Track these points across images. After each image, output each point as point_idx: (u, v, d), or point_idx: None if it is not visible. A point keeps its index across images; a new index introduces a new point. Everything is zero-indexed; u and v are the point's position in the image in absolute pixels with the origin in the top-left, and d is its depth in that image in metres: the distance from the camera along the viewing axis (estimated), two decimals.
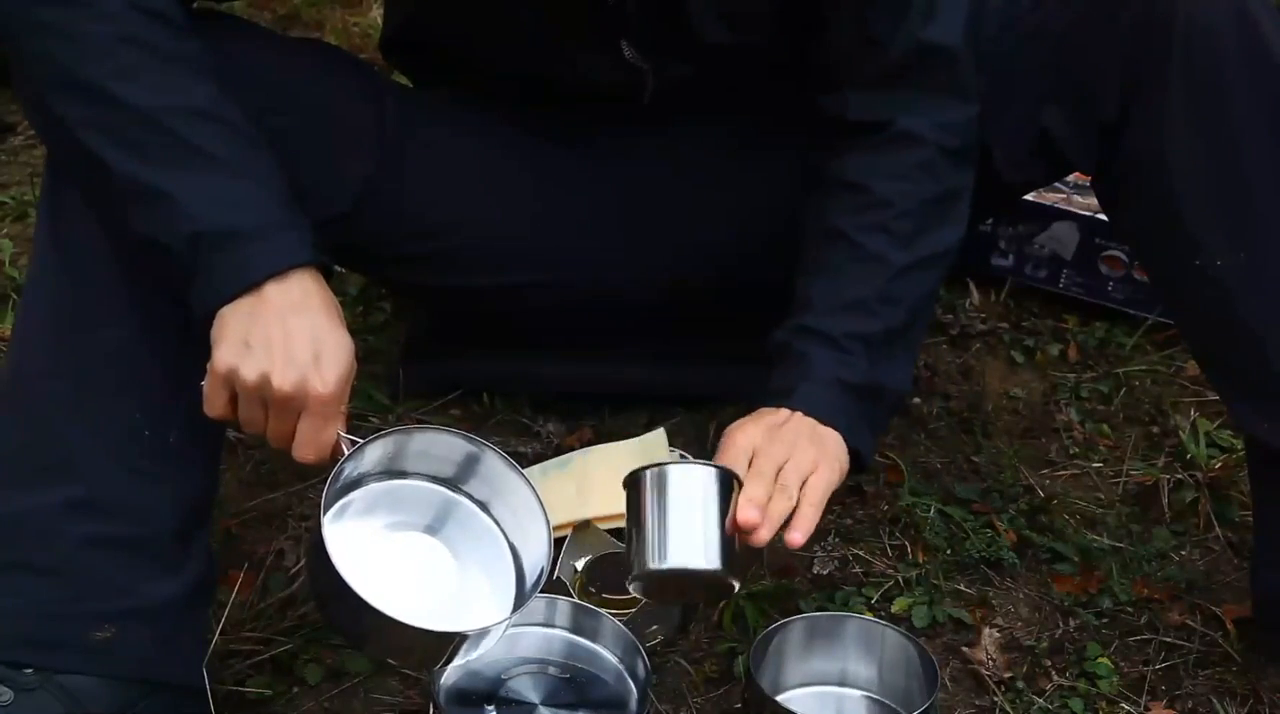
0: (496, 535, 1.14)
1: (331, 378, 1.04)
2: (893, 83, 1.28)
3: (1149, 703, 1.27)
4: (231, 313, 1.04)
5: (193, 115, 1.07)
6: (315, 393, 1.03)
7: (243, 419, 1.05)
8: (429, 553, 1.12)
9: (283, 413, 1.04)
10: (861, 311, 1.24)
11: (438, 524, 1.13)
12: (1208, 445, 1.57)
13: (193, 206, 1.04)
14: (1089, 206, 1.80)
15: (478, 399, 1.63)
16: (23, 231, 1.99)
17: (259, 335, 1.03)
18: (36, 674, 1.05)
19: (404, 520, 1.12)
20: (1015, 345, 1.79)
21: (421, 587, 1.08)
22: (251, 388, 1.03)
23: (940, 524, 1.47)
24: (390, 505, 1.12)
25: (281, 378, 1.02)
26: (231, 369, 1.03)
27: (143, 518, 1.10)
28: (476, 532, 1.13)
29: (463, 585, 1.11)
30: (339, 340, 1.06)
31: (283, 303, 1.04)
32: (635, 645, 1.21)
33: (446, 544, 1.12)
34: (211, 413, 1.06)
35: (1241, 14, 1.19)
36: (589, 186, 1.45)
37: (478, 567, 1.12)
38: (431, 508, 1.13)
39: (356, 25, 2.71)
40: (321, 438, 1.05)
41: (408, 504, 1.12)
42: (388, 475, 1.12)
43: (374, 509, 1.11)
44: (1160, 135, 1.22)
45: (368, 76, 1.39)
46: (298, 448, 1.05)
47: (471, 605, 1.09)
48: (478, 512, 1.14)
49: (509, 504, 1.13)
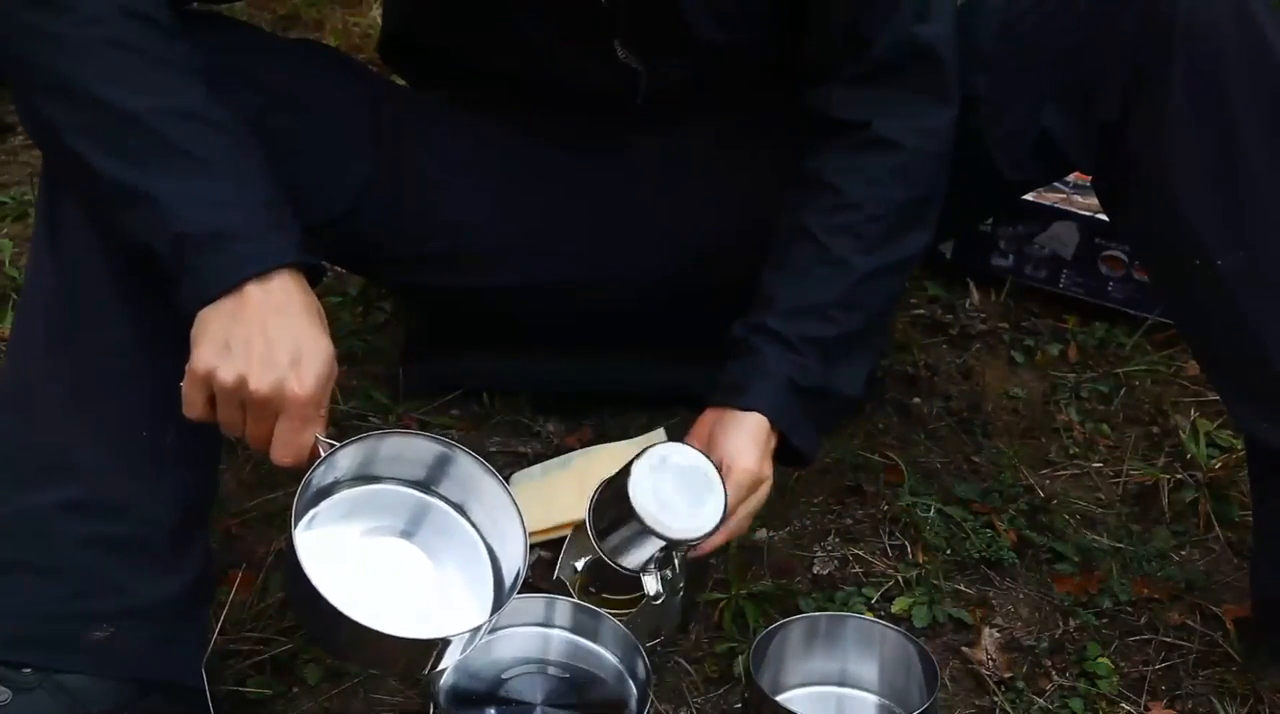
0: (473, 537, 1.13)
1: (309, 381, 1.04)
2: (878, 82, 1.28)
3: (1149, 703, 1.27)
4: (212, 314, 1.04)
5: (178, 117, 1.07)
6: (293, 395, 1.03)
7: (222, 420, 1.05)
8: (405, 558, 1.11)
9: (260, 415, 1.04)
10: (819, 316, 1.26)
11: (413, 528, 1.12)
12: (1208, 445, 1.57)
13: (177, 208, 1.04)
14: (1089, 206, 1.80)
15: (478, 399, 1.63)
16: (23, 231, 1.99)
17: (238, 337, 1.02)
18: (35, 674, 1.05)
19: (379, 526, 1.12)
20: (1015, 345, 1.79)
21: (399, 592, 1.08)
22: (229, 389, 1.03)
23: (940, 524, 1.47)
24: (364, 511, 1.11)
25: (259, 380, 1.02)
26: (210, 370, 1.02)
27: (142, 518, 1.10)
28: (452, 534, 1.13)
29: (441, 589, 1.10)
30: (318, 343, 1.06)
31: (263, 304, 1.04)
32: (635, 645, 1.21)
33: (423, 548, 1.12)
34: (190, 414, 1.05)
35: (1242, 13, 1.19)
36: (586, 186, 1.45)
37: (455, 569, 1.12)
38: (406, 512, 1.13)
39: (356, 25, 2.71)
40: (299, 441, 1.04)
41: (382, 509, 1.12)
42: (361, 481, 1.11)
43: (348, 515, 1.10)
44: (1160, 135, 1.22)
45: (366, 78, 1.39)
46: (275, 450, 1.05)
47: (451, 608, 1.09)
48: (453, 514, 1.13)
49: (484, 505, 1.13)
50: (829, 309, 1.26)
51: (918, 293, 1.91)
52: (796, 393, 1.24)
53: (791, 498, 1.51)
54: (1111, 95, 1.25)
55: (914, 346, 1.78)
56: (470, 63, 1.40)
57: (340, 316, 1.79)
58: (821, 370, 1.25)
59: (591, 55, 1.31)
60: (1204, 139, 1.21)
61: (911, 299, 1.89)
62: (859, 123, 1.29)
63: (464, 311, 1.57)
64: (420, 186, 1.38)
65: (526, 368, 1.62)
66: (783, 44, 1.33)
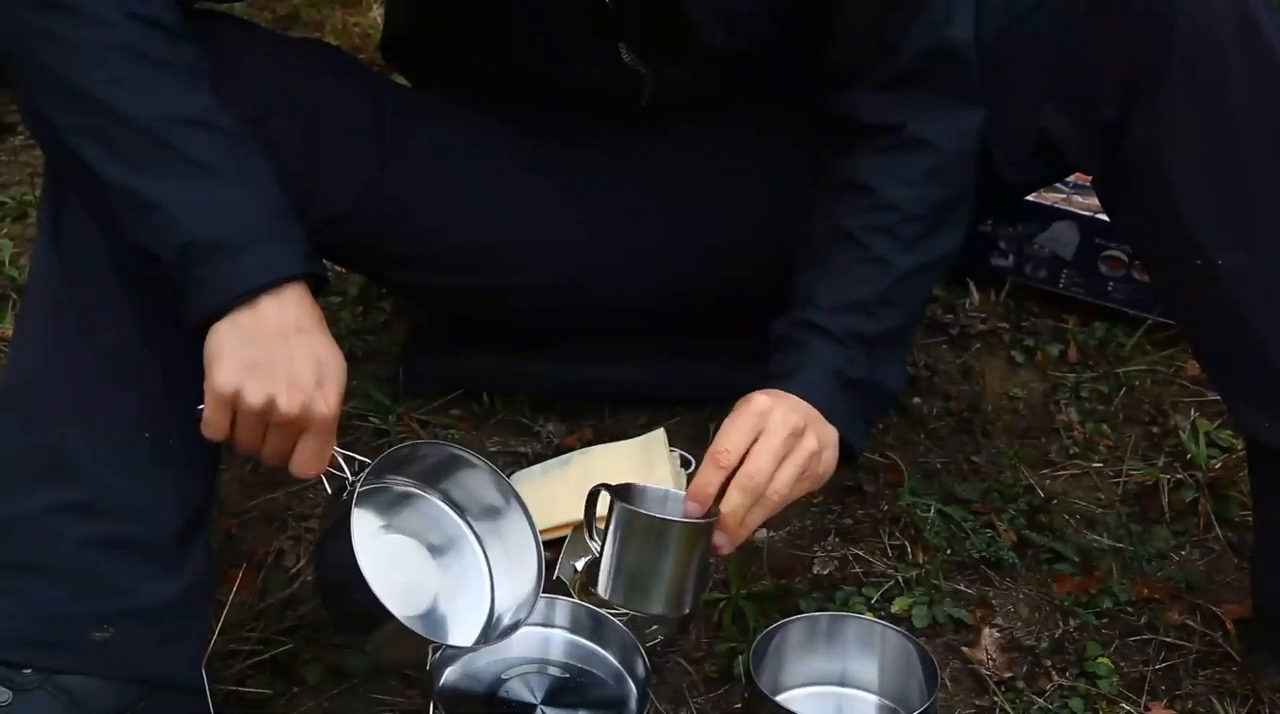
0: (483, 580, 1.19)
1: (334, 399, 1.05)
2: (906, 86, 1.28)
3: (1149, 703, 1.27)
4: (228, 330, 1.03)
5: (185, 124, 1.06)
6: (320, 415, 1.04)
7: (240, 440, 1.05)
8: (419, 568, 1.16)
9: (285, 434, 1.05)
10: (862, 313, 1.25)
11: (443, 546, 1.18)
12: (1208, 445, 1.57)
13: (182, 217, 1.04)
14: (1089, 206, 1.80)
15: (477, 399, 1.63)
16: (23, 232, 1.99)
17: (261, 356, 1.02)
18: (35, 674, 1.05)
19: (412, 530, 1.17)
20: (1015, 345, 1.79)
21: (402, 591, 1.11)
22: (256, 412, 1.03)
23: (940, 524, 1.47)
24: (407, 512, 1.17)
25: (288, 402, 1.02)
26: (236, 392, 1.02)
27: (142, 519, 1.10)
28: (468, 570, 1.18)
29: (433, 606, 1.15)
30: (337, 360, 1.07)
31: (281, 322, 1.04)
32: (635, 645, 1.21)
33: (440, 567, 1.17)
34: (214, 436, 1.05)
35: (1241, 14, 1.19)
36: (588, 187, 1.45)
37: (451, 599, 1.16)
38: (440, 532, 1.18)
39: (356, 25, 2.71)
40: (323, 454, 1.06)
41: (423, 518, 1.18)
42: (418, 484, 1.17)
43: (389, 509, 1.16)
44: (1161, 135, 1.22)
45: (368, 77, 1.39)
46: (301, 466, 1.06)
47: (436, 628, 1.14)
48: (479, 553, 1.19)
49: (511, 562, 1.19)
50: (871, 305, 1.26)
51: None
52: (843, 386, 1.23)
53: None
54: (1111, 96, 1.25)
55: (914, 347, 1.78)
56: (472, 63, 1.40)
57: (340, 316, 1.79)
58: (868, 364, 1.25)
59: (596, 57, 1.31)
60: (1204, 139, 1.21)
61: None
62: (890, 126, 1.29)
63: (464, 312, 1.57)
64: (422, 186, 1.37)
65: (526, 368, 1.62)
66: (790, 49, 1.33)
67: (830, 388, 1.22)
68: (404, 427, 1.59)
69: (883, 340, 1.26)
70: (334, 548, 1.05)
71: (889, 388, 1.29)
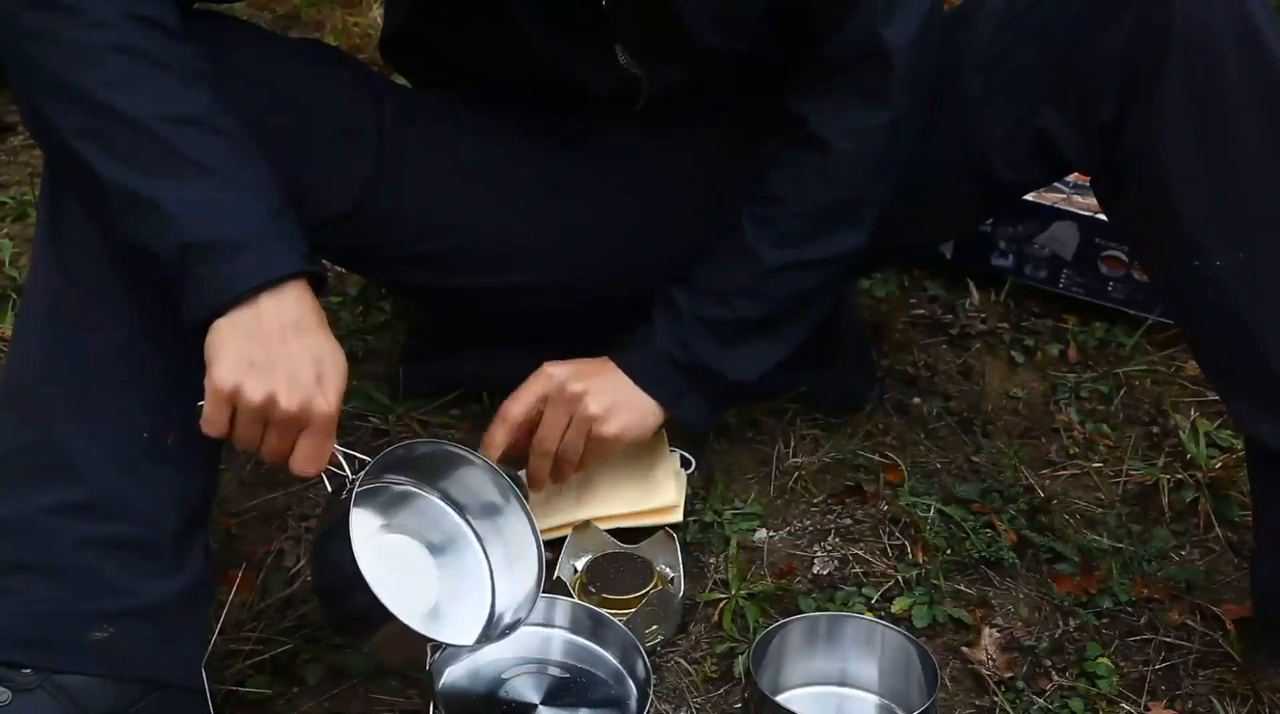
0: (484, 579, 1.19)
1: (334, 397, 1.05)
2: (827, 79, 1.30)
3: (1149, 703, 1.27)
4: (228, 327, 1.03)
5: (183, 123, 1.06)
6: (320, 412, 1.04)
7: (239, 437, 1.05)
8: (418, 568, 1.16)
9: (285, 432, 1.05)
10: (719, 300, 1.34)
11: (443, 545, 1.18)
12: (1208, 445, 1.57)
13: (181, 216, 1.04)
14: (1089, 206, 1.80)
15: (478, 399, 1.63)
16: (23, 231, 1.99)
17: (261, 354, 1.02)
18: (35, 674, 1.05)
19: (412, 529, 1.17)
20: (1015, 345, 1.79)
21: (402, 591, 1.10)
22: (256, 408, 1.03)
23: (940, 524, 1.47)
24: (406, 511, 1.17)
25: (288, 399, 1.02)
26: (236, 389, 1.02)
27: (142, 518, 1.10)
28: (468, 569, 1.18)
29: (433, 607, 1.15)
30: (338, 358, 1.07)
31: (281, 320, 1.04)
32: (635, 645, 1.21)
33: (439, 567, 1.17)
34: (213, 432, 1.05)
35: (1240, 14, 1.19)
36: (586, 187, 1.45)
37: (451, 599, 1.16)
38: (440, 531, 1.18)
39: (356, 25, 2.71)
40: (323, 452, 1.06)
41: (422, 517, 1.18)
42: (417, 482, 1.18)
43: (389, 509, 1.16)
44: (1159, 135, 1.22)
45: (368, 77, 1.39)
46: (301, 464, 1.06)
47: (438, 625, 1.13)
48: (480, 552, 1.19)
49: (511, 561, 1.18)
50: (730, 293, 1.33)
51: (918, 293, 1.91)
52: (674, 367, 1.34)
53: (791, 498, 1.51)
54: (1109, 96, 1.25)
55: (914, 347, 1.78)
56: (471, 63, 1.40)
57: (340, 316, 1.79)
58: (703, 349, 1.33)
59: (592, 59, 1.32)
60: (1202, 139, 1.21)
61: (911, 299, 1.89)
62: (801, 118, 1.32)
63: (464, 312, 1.57)
64: (421, 186, 1.37)
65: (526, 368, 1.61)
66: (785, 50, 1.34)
67: (656, 367, 1.34)
68: (404, 427, 1.59)
69: (734, 328, 1.33)
70: (333, 548, 1.04)
71: (731, 377, 1.35)
